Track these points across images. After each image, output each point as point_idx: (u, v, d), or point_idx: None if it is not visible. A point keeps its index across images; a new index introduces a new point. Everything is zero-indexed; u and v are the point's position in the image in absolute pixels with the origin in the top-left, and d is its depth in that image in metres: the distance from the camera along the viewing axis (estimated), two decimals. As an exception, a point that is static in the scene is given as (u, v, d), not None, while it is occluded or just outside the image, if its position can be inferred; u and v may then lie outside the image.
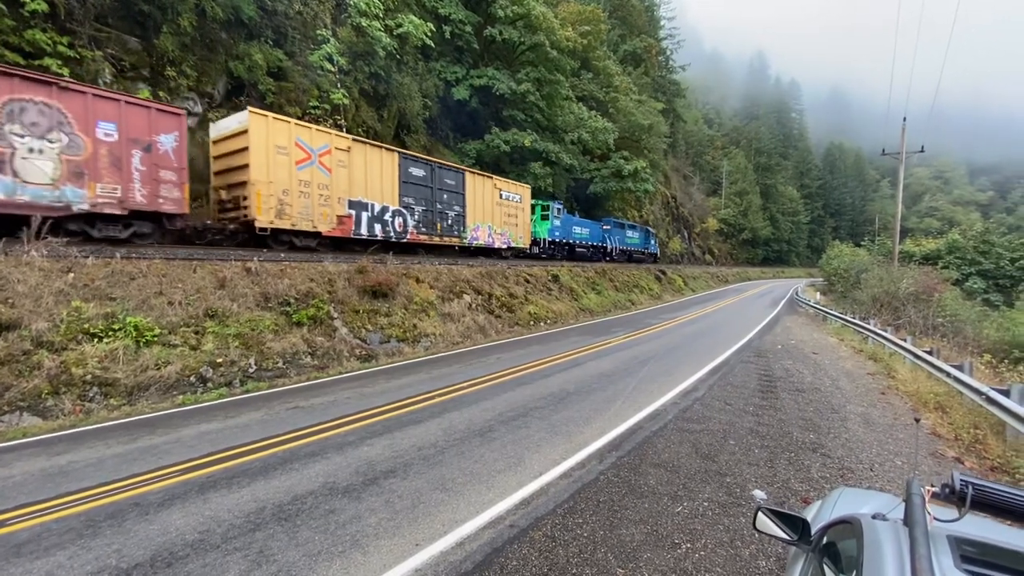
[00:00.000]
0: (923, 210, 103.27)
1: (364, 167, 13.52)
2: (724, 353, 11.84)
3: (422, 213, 15.57)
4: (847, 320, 16.29)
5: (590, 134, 28.17)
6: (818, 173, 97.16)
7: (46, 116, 8.26)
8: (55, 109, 8.33)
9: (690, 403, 7.52)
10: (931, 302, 17.02)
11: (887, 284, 19.30)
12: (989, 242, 23.17)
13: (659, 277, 32.56)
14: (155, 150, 9.45)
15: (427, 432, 6.06)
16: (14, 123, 7.98)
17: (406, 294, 12.44)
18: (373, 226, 13.97)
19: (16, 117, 7.98)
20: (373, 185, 13.81)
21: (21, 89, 7.99)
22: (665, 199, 52.56)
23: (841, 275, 28.72)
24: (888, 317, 17.13)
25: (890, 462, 5.49)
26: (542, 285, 18.87)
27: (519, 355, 11.07)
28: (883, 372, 10.24)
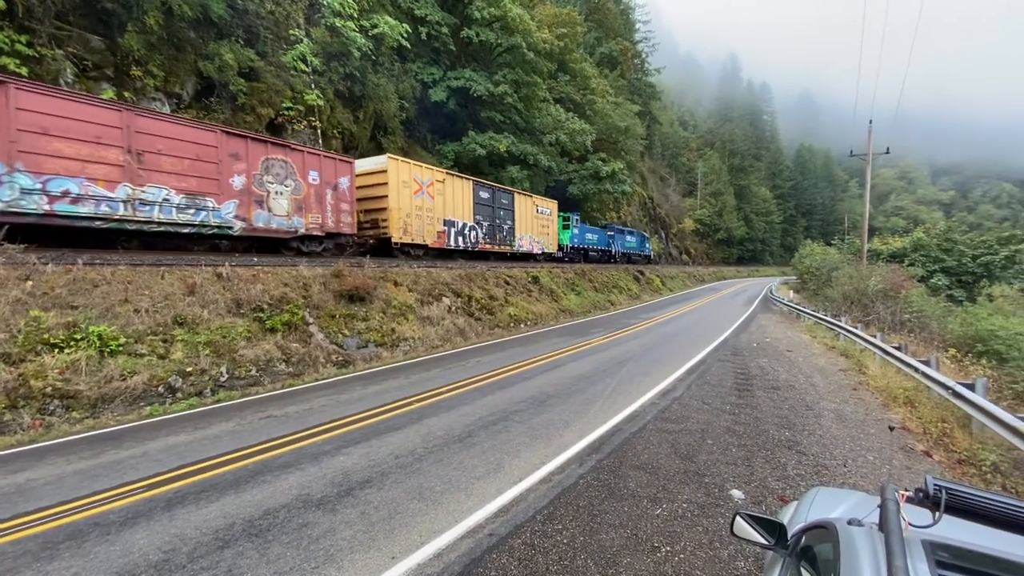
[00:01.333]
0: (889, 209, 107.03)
1: (452, 193, 17.67)
2: (701, 352, 11.98)
3: (487, 227, 20.02)
4: (819, 318, 16.66)
5: (568, 136, 28.30)
6: (789, 174, 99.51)
7: (283, 169, 11.89)
8: (288, 163, 11.97)
9: (668, 403, 7.56)
10: (898, 299, 17.53)
11: (857, 282, 19.82)
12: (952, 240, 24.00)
13: (637, 277, 32.89)
14: (339, 189, 13.22)
15: (405, 439, 5.95)
16: (267, 174, 11.61)
17: (384, 298, 12.27)
18: (458, 238, 18.26)
19: (269, 170, 11.62)
20: (457, 207, 18.12)
21: (271, 151, 11.64)
22: (642, 200, 53.17)
23: (813, 273, 29.42)
24: (858, 314, 17.58)
25: (862, 458, 5.59)
26: (522, 287, 18.85)
27: (499, 358, 11.03)
28: (855, 368, 10.48)
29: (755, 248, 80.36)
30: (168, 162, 9.86)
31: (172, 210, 9.93)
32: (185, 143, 10.10)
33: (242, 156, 11.13)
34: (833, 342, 13.74)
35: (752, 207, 79.27)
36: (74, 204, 8.68)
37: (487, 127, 25.05)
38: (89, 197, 8.85)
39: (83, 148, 8.74)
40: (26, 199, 8.19)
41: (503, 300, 16.65)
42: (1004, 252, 22.30)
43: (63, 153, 8.55)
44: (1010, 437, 5.21)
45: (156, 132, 9.66)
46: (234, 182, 11.02)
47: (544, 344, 13.00)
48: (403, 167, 15.66)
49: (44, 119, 8.31)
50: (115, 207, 9.15)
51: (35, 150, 8.25)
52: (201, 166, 10.40)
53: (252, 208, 11.37)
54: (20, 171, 8.12)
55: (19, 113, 8.05)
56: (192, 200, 10.26)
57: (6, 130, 7.96)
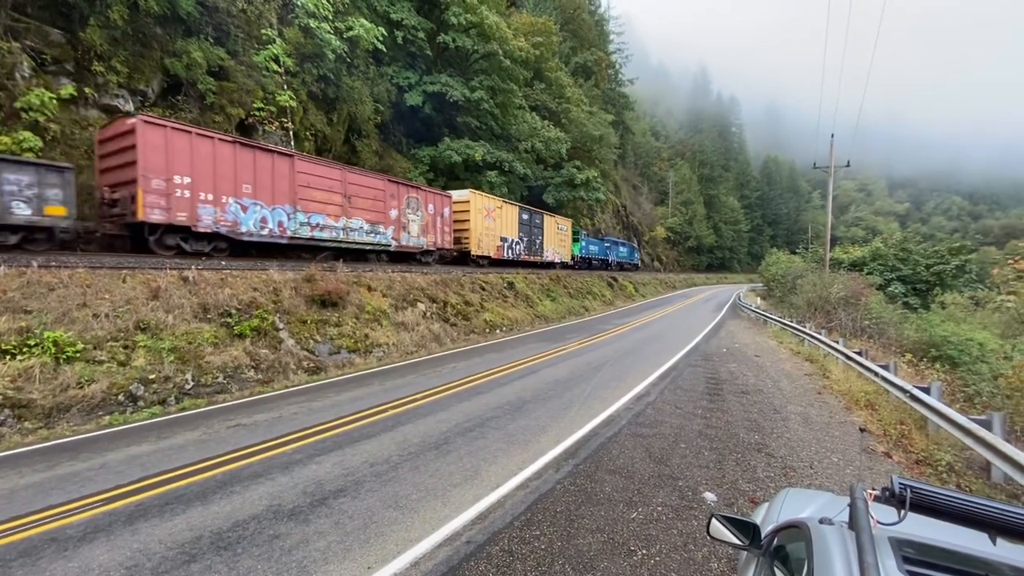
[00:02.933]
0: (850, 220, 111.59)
1: (505, 217, 23.35)
2: (673, 357, 12.22)
3: (526, 242, 25.43)
4: (785, 324, 17.21)
5: (543, 143, 28.58)
6: (756, 185, 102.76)
7: (416, 203, 17.09)
8: (418, 199, 17.15)
9: (643, 408, 7.68)
10: (859, 306, 18.28)
11: (820, 289, 20.56)
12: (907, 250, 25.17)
13: (611, 284, 33.33)
14: (444, 216, 18.57)
15: (380, 447, 5.87)
16: (408, 208, 16.68)
17: (357, 303, 12.10)
18: (508, 251, 23.71)
19: (409, 205, 16.73)
20: (508, 227, 23.65)
21: (410, 191, 16.79)
22: (616, 208, 54.00)
23: (779, 281, 30.38)
24: (822, 320, 18.24)
25: (828, 459, 5.80)
26: (498, 292, 18.87)
27: (475, 363, 11.02)
28: (819, 373, 10.86)
29: (724, 256, 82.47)
30: (361, 202, 14.95)
31: (364, 234, 15.16)
32: (368, 188, 15.15)
33: (395, 196, 16.27)
34: (798, 347, 14.21)
35: (721, 216, 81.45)
36: (321, 231, 13.67)
37: (463, 133, 25.06)
38: (328, 227, 13.89)
39: (323, 195, 13.72)
40: (302, 229, 13.13)
41: (479, 306, 16.63)
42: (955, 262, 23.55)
43: (315, 199, 13.48)
44: (963, 437, 5.49)
45: (355, 182, 14.70)
46: (391, 214, 16.20)
47: (520, 349, 13.04)
48: (479, 198, 21.37)
49: (307, 177, 13.22)
50: (338, 233, 14.21)
51: (304, 197, 13.16)
52: (377, 204, 15.53)
53: (400, 232, 16.66)
54: (299, 211, 13.06)
55: (298, 175, 12.96)
56: (373, 227, 15.48)
57: (292, 186, 12.83)
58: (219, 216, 11.32)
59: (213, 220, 11.19)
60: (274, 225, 12.50)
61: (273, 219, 12.50)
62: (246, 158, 11.80)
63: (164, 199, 10.34)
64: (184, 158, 10.60)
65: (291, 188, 12.80)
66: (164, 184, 10.33)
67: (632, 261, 46.31)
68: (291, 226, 12.88)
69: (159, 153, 10.21)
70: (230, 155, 11.47)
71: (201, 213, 10.97)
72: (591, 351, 13.02)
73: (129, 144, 10.00)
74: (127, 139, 10.04)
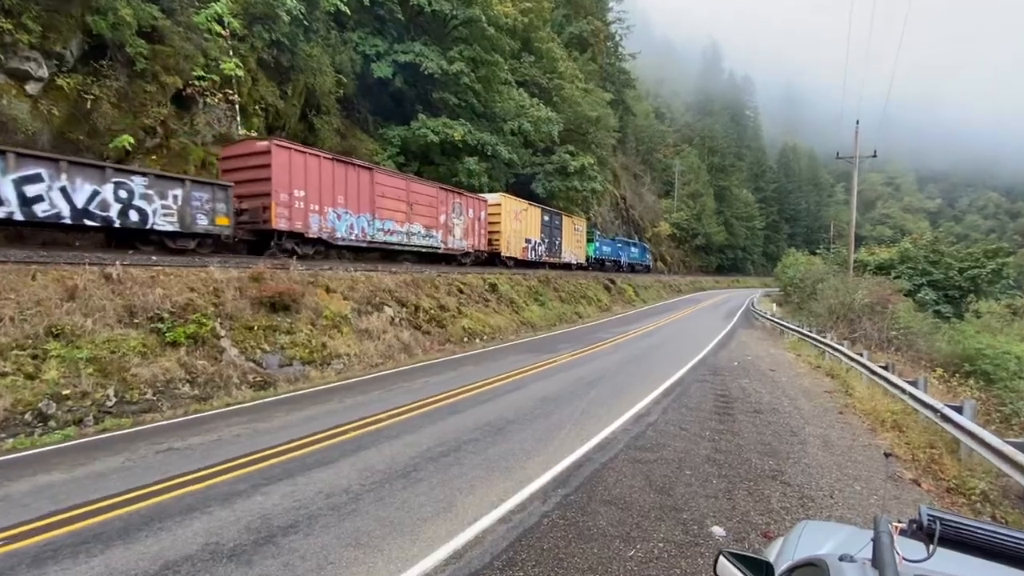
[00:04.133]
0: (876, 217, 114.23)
1: (529, 218, 27.22)
2: (678, 371, 12.35)
3: (547, 243, 29.27)
4: (804, 334, 17.52)
5: (532, 124, 28.67)
6: (773, 176, 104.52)
7: (458, 208, 21.10)
8: (461, 205, 21.31)
9: (643, 429, 7.73)
10: (885, 314, 18.70)
11: (843, 295, 20.99)
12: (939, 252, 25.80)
13: (608, 287, 33.59)
14: (480, 220, 22.79)
15: (338, 475, 5.80)
16: (453, 212, 20.65)
17: (314, 307, 11.99)
18: (532, 252, 27.47)
19: (454, 209, 20.77)
20: (531, 228, 27.61)
21: (455, 197, 20.88)
22: (614, 199, 54.43)
23: (797, 285, 30.94)
24: (844, 330, 18.61)
25: (850, 487, 5.91)
26: (478, 296, 18.88)
27: (451, 378, 11.03)
28: (841, 389, 11.08)
29: (736, 256, 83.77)
30: (420, 209, 18.88)
31: (421, 238, 19.07)
32: (425, 195, 19.20)
33: (444, 202, 20.14)
34: (818, 360, 14.48)
35: (733, 211, 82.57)
36: (391, 236, 17.63)
37: (440, 110, 25.01)
38: (396, 231, 17.81)
39: (393, 203, 17.61)
40: (378, 234, 17.08)
41: (455, 311, 16.62)
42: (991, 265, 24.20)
43: (387, 207, 17.35)
44: (999, 463, 5.63)
45: (416, 191, 18.71)
46: (441, 219, 19.99)
47: (503, 362, 13.08)
48: (509, 201, 25.50)
49: (383, 188, 17.17)
50: (403, 237, 18.15)
51: (380, 206, 17.04)
52: (431, 210, 19.45)
53: (447, 235, 20.50)
54: (376, 219, 16.93)
55: (376, 185, 16.89)
56: (428, 232, 19.36)
57: (372, 196, 16.71)
58: (323, 224, 15.10)
59: (319, 227, 14.98)
60: (359, 231, 16.46)
61: (358, 225, 16.41)
62: (340, 173, 15.62)
63: (287, 210, 14.07)
64: (300, 174, 14.33)
65: (371, 198, 16.77)
66: (288, 197, 14.13)
67: (643, 262, 49.87)
68: (371, 232, 16.90)
69: (285, 171, 13.98)
70: (329, 171, 15.23)
71: (311, 221, 14.75)
72: (585, 364, 13.09)
73: (262, 163, 13.71)
74: (260, 159, 13.75)
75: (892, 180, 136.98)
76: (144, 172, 11.26)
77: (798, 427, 8.21)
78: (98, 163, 10.63)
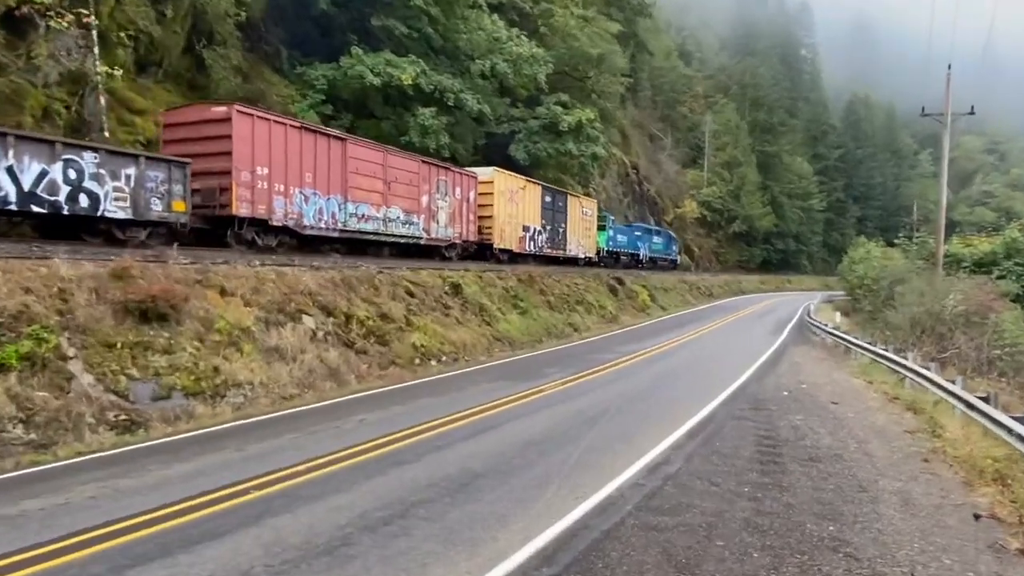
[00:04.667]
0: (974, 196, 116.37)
1: (528, 199, 28.46)
2: (708, 405, 12.46)
3: (549, 231, 30.88)
4: (877, 353, 17.82)
5: (510, 64, 28.74)
6: (837, 139, 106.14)
7: (443, 187, 22.61)
8: (447, 182, 22.91)
9: (659, 484, 7.75)
10: (986, 327, 19.11)
11: (929, 301, 21.40)
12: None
13: (614, 288, 33.78)
14: (469, 202, 24.27)
15: (235, 553, 5.70)
16: (437, 192, 22.12)
17: (202, 315, 11.83)
18: (530, 243, 28.74)
19: (438, 189, 22.22)
20: (530, 212, 28.91)
21: (439, 174, 22.54)
22: (623, 169, 54.93)
23: (868, 288, 31.46)
24: (931, 348, 18.98)
25: (938, 561, 6.01)
26: (435, 300, 18.81)
27: (396, 415, 10.93)
28: (926, 428, 11.30)
29: (787, 248, 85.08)
30: (398, 188, 20.16)
31: (400, 225, 20.27)
32: (404, 172, 20.46)
33: (427, 179, 21.61)
34: (896, 389, 14.75)
35: (783, 186, 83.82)
36: (365, 223, 18.91)
37: (382, 43, 24.92)
38: (371, 217, 19.07)
39: (368, 181, 18.87)
40: (350, 220, 18.19)
41: (403, 322, 16.54)
42: None
43: (361, 186, 18.55)
44: None
45: (394, 165, 19.95)
46: (423, 200, 21.32)
47: (470, 392, 13.03)
48: (503, 178, 26.58)
49: (356, 162, 18.33)
50: (379, 225, 19.38)
51: (353, 185, 18.23)
52: (411, 189, 20.76)
53: (431, 221, 21.69)
54: (348, 201, 18.08)
55: (349, 160, 17.99)
56: (408, 217, 20.67)
57: (344, 172, 17.91)
58: (288, 208, 16.03)
59: (284, 213, 15.94)
60: (328, 217, 17.49)
61: (328, 210, 17.47)
62: (308, 144, 16.69)
63: (250, 191, 14.86)
64: (264, 147, 15.30)
65: (342, 175, 17.93)
66: (250, 176, 14.91)
67: (669, 256, 52.18)
68: (342, 218, 17.95)
69: (247, 144, 14.86)
70: (296, 142, 16.30)
71: (275, 206, 15.68)
72: (581, 395, 13.09)
73: (220, 134, 14.62)
74: (217, 128, 14.65)
75: (995, 146, 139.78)
76: (95, 147, 12.29)
77: (868, 480, 8.32)
78: (48, 137, 11.75)
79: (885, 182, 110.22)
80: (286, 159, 15.87)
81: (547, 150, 32.83)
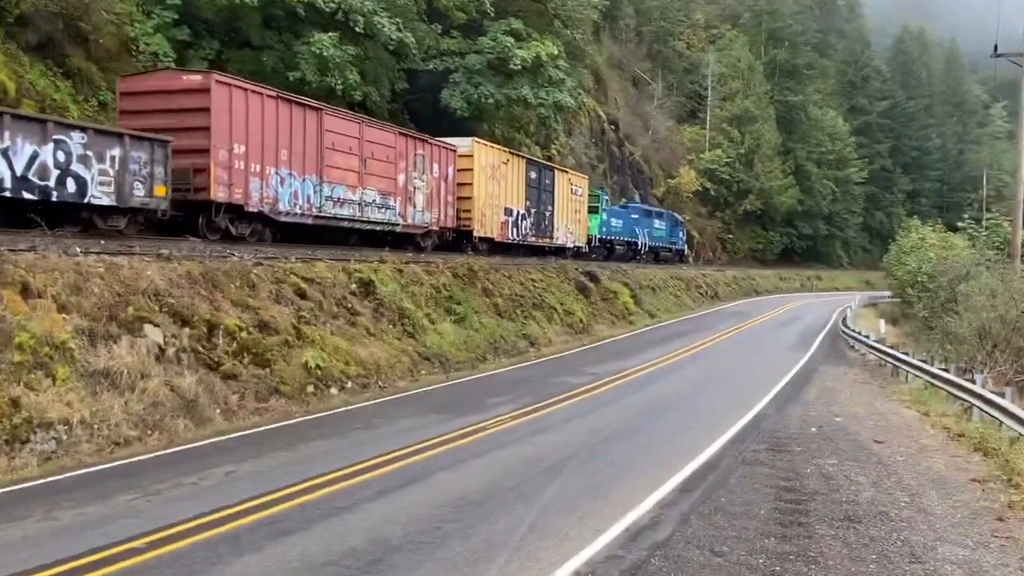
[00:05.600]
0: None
1: (511, 176, 31.12)
2: (710, 446, 12.47)
3: (534, 215, 33.58)
4: (935, 375, 18.09)
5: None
6: (882, 87, 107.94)
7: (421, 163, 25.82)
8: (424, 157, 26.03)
9: (643, 556, 7.67)
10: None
11: (1005, 305, 21.84)
12: None
13: (585, 287, 33.70)
14: (448, 181, 27.50)
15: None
16: (414, 170, 25.28)
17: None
18: (513, 229, 31.38)
19: (415, 165, 25.38)
20: (512, 192, 31.33)
21: (417, 147, 25.80)
22: (597, 125, 55.18)
23: (923, 286, 32.03)
24: (1007, 367, 19.36)
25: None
26: (336, 303, 18.48)
27: (280, 466, 10.85)
28: (1000, 476, 11.43)
29: (816, 233, 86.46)
30: (375, 166, 22.71)
31: (376, 209, 22.94)
32: (381, 146, 23.02)
33: (403, 154, 24.05)
34: (960, 423, 14.98)
35: (810, 150, 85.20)
36: (341, 207, 21.76)
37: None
38: (347, 201, 21.79)
39: (344, 158, 21.67)
40: (326, 204, 20.97)
41: (291, 333, 16.24)
42: None
43: (337, 164, 21.41)
44: None
45: (371, 138, 22.58)
46: (399, 179, 23.79)
47: (385, 431, 12.91)
48: (484, 150, 28.94)
49: (333, 136, 21.16)
50: (354, 209, 22.09)
51: (329, 163, 21.08)
52: (388, 167, 23.24)
53: (407, 205, 24.07)
54: (324, 182, 20.84)
55: (325, 134, 20.77)
56: (384, 200, 23.19)
57: (319, 149, 20.64)
58: (264, 192, 18.07)
59: (260, 197, 17.96)
60: (304, 201, 19.89)
61: (303, 193, 19.89)
62: (284, 116, 19.02)
63: (227, 173, 16.70)
64: (241, 122, 17.42)
65: (318, 152, 20.47)
66: (227, 156, 16.77)
67: (674, 245, 55.09)
68: (317, 201, 20.38)
69: (226, 117, 16.94)
70: (273, 114, 18.58)
71: (252, 189, 17.64)
72: (538, 433, 13.02)
73: (196, 106, 16.75)
74: (192, 99, 16.78)
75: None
76: (82, 126, 14.18)
77: (924, 547, 8.36)
78: (39, 116, 13.53)
79: (945, 145, 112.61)
80: (262, 135, 18.14)
81: (494, 97, 32.70)
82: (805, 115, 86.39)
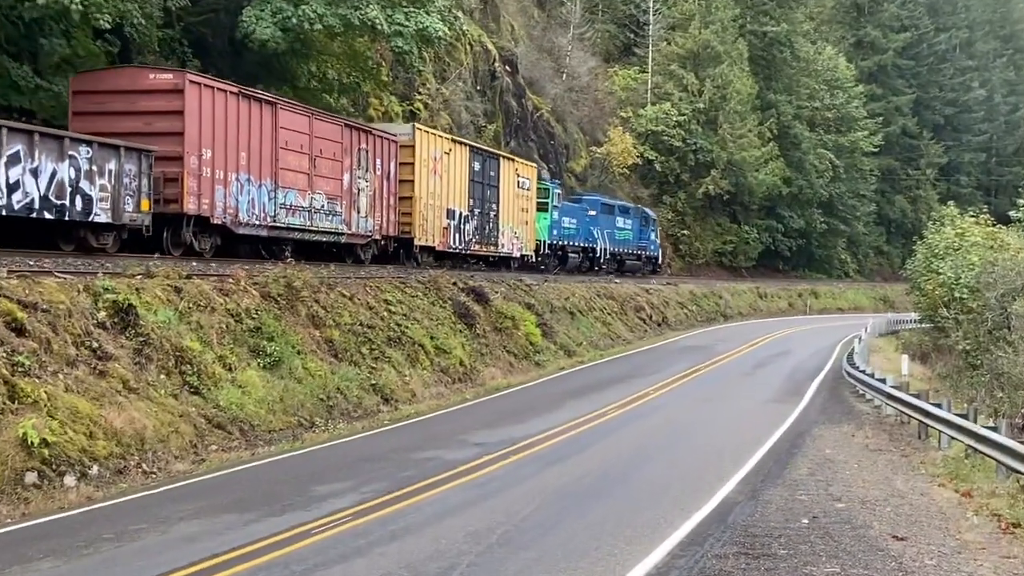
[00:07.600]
0: None
1: (453, 170, 39.51)
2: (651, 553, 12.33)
3: (478, 216, 41.99)
4: (979, 435, 18.46)
5: None
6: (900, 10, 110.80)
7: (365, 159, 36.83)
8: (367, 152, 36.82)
9: None
10: None
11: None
12: None
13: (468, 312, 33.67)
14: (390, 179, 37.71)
15: None
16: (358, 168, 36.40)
17: None
18: (456, 235, 39.82)
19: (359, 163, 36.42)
20: (455, 189, 39.78)
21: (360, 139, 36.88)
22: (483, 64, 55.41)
23: (963, 305, 32.95)
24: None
25: None
26: (77, 341, 17.98)
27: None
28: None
29: (809, 228, 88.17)
30: (323, 165, 32.52)
31: (324, 217, 32.61)
32: (329, 141, 32.73)
33: (348, 150, 33.57)
34: (1016, 507, 15.25)
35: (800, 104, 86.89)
36: (293, 216, 31.48)
37: None
38: (298, 208, 31.52)
39: (296, 159, 31.42)
40: (280, 213, 30.18)
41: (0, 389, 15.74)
42: None
43: (290, 165, 31.19)
44: None
45: (320, 133, 32.23)
46: (345, 179, 33.24)
47: (148, 544, 12.26)
48: (426, 137, 34.57)
49: (287, 134, 30.68)
50: (304, 218, 31.91)
51: (283, 165, 30.69)
52: (335, 165, 33.00)
53: (351, 210, 33.15)
54: (279, 187, 30.00)
55: (280, 131, 29.72)
56: (331, 204, 32.74)
57: (274, 148, 29.29)
58: (227, 201, 22.37)
59: (223, 207, 22.27)
60: (259, 210, 24.15)
61: (259, 200, 24.36)
62: (244, 115, 23.83)
63: (196, 182, 20.83)
64: (209, 125, 21.90)
65: (273, 153, 25.67)
66: (197, 163, 20.89)
67: (644, 251, 60.26)
68: (271, 209, 24.44)
69: (196, 121, 21.24)
70: (235, 113, 23.48)
71: (217, 199, 21.81)
72: (394, 540, 12.74)
73: (167, 109, 21.35)
74: (162, 101, 21.28)
75: None
76: (88, 139, 17.64)
77: None
78: (59, 132, 17.00)
79: (992, 98, 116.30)
80: (226, 137, 22.71)
81: (323, 20, 32.57)
82: (791, 53, 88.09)
